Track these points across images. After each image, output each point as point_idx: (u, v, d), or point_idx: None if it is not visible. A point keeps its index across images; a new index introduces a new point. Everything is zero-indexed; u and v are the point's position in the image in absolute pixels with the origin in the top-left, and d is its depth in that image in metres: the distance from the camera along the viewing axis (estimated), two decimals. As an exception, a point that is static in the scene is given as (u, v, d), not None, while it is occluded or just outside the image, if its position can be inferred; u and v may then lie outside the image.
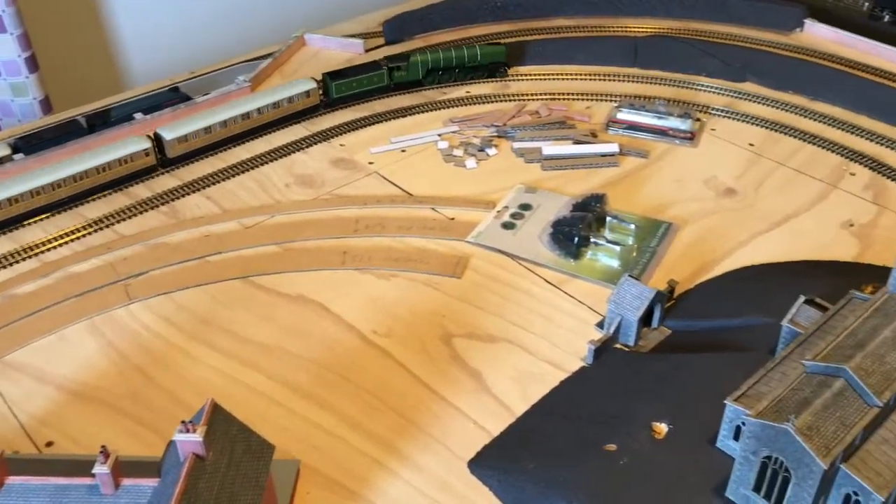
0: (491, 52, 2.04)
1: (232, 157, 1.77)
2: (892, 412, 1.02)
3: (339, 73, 1.98)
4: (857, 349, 1.01)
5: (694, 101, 1.95)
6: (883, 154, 1.76)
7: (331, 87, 1.94)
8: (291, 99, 1.87)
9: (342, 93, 1.96)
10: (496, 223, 1.56)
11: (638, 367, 1.24)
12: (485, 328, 1.34)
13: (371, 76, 1.98)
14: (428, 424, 1.18)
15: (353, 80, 1.97)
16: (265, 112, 1.84)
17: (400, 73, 2.01)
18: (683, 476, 1.05)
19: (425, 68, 2.01)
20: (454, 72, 2.03)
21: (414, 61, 2.00)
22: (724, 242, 1.52)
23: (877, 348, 1.01)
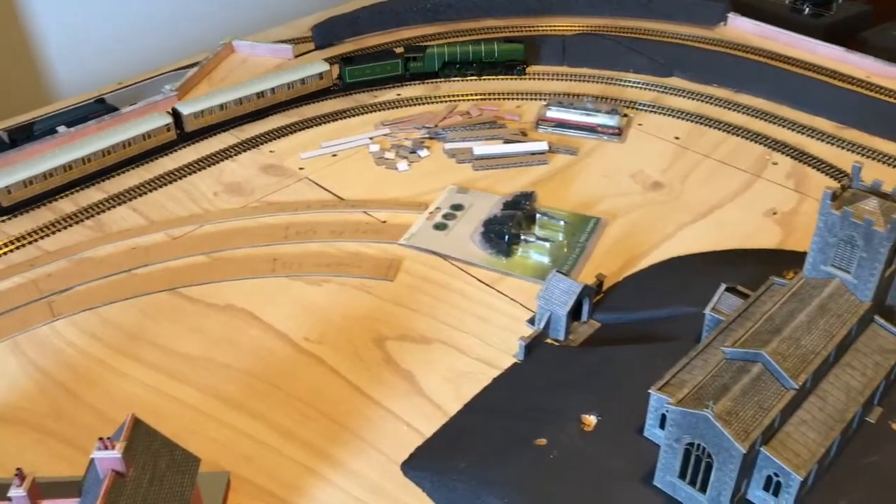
0: (508, 49, 2.04)
1: (158, 168, 1.74)
2: (811, 394, 1.05)
3: (353, 59, 2.02)
4: (774, 334, 1.04)
5: (621, 98, 1.98)
6: (804, 143, 1.81)
7: (345, 73, 1.98)
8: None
9: (355, 78, 2.00)
10: (428, 224, 1.56)
11: (567, 361, 1.25)
12: (418, 330, 1.34)
13: (385, 64, 2.01)
14: (361, 429, 1.17)
15: (367, 66, 2.00)
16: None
17: (416, 63, 2.02)
18: (612, 466, 1.06)
19: (441, 60, 2.03)
20: (471, 66, 2.03)
21: (430, 53, 2.02)
22: (652, 235, 1.55)
23: (793, 332, 1.04)
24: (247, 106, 1.89)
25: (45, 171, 1.63)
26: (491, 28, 2.28)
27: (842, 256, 1.09)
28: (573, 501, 1.03)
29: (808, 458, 0.98)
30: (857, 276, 1.08)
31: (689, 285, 1.37)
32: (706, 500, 0.98)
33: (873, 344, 1.12)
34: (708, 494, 0.98)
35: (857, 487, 1.04)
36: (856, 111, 1.90)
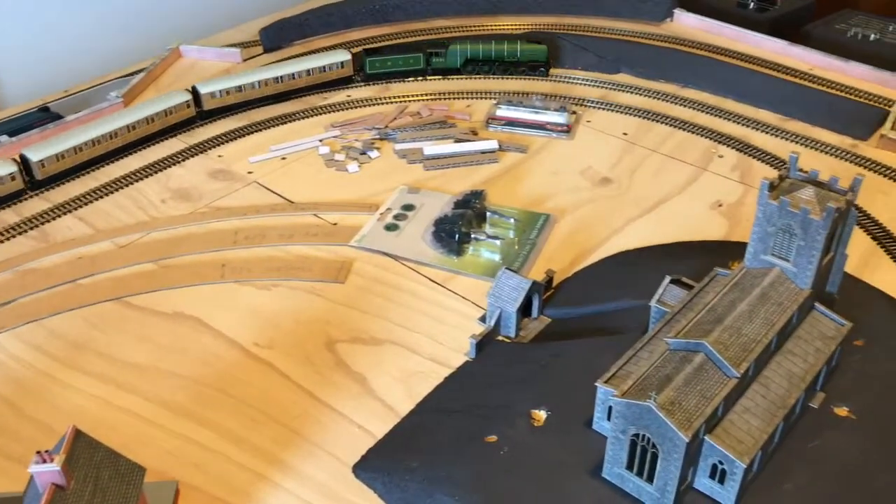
0: (531, 50, 2.04)
1: (104, 176, 1.71)
2: (754, 381, 1.06)
3: (376, 51, 2.03)
4: (716, 324, 1.05)
5: (570, 95, 1.99)
6: (749, 135, 1.84)
7: (365, 63, 2.00)
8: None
9: (375, 69, 2.02)
10: (379, 225, 1.56)
11: (518, 358, 1.26)
12: (369, 331, 1.33)
13: (408, 58, 2.02)
14: (312, 433, 1.16)
15: (389, 58, 2.02)
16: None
17: (438, 59, 2.03)
18: (562, 460, 1.07)
19: (463, 57, 2.03)
20: (493, 65, 2.03)
21: (452, 49, 2.02)
22: (601, 230, 1.56)
23: (734, 321, 1.06)
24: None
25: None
26: (439, 28, 2.28)
27: (781, 245, 1.11)
28: (523, 496, 1.03)
29: (752, 445, 0.99)
30: (796, 265, 1.11)
31: (636, 278, 1.39)
32: (653, 490, 0.99)
33: (814, 331, 1.14)
34: (655, 484, 0.99)
35: (801, 472, 1.06)
36: (799, 103, 1.94)
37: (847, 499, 1.03)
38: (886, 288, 1.40)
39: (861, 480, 1.05)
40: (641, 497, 1.01)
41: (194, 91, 1.88)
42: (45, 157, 1.66)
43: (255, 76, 1.93)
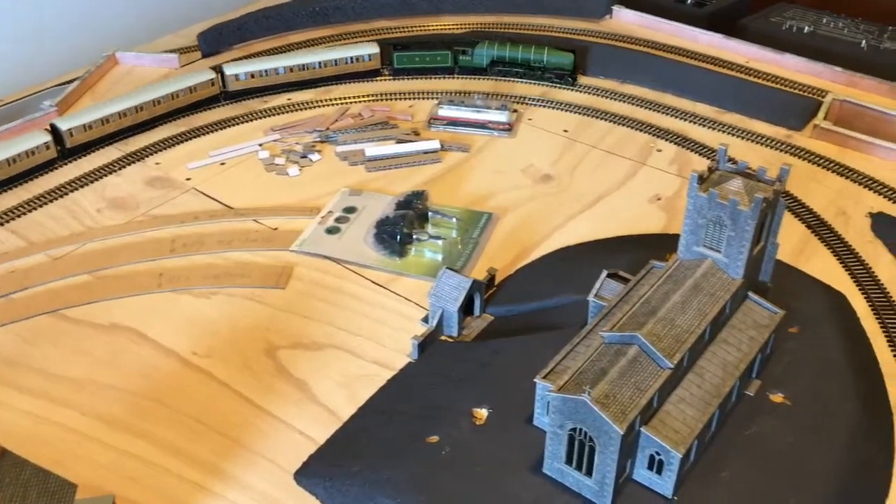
0: (557, 57, 2.01)
1: (37, 187, 1.67)
2: (689, 372, 1.08)
3: (404, 46, 2.02)
4: (650, 316, 1.06)
5: (511, 93, 2.00)
6: (687, 129, 1.87)
7: (393, 58, 2.00)
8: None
9: (403, 64, 2.02)
10: (320, 229, 1.54)
11: (460, 357, 1.26)
12: (310, 336, 1.32)
13: (435, 55, 2.02)
14: (253, 441, 1.15)
15: (416, 54, 2.02)
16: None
17: (465, 57, 2.02)
18: (503, 458, 1.07)
19: (490, 58, 2.02)
20: (520, 68, 2.01)
21: (479, 50, 2.01)
22: (542, 227, 1.57)
23: (667, 313, 1.07)
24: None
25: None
26: (380, 29, 2.28)
27: (712, 237, 1.13)
28: (464, 495, 1.03)
29: (687, 435, 1.00)
30: (727, 255, 1.12)
31: (576, 274, 1.40)
32: (592, 483, 1.00)
33: (748, 319, 1.16)
34: (594, 478, 1.00)
35: (737, 459, 1.07)
36: (735, 96, 1.97)
37: (782, 483, 1.05)
38: (821, 275, 1.43)
39: (795, 465, 1.07)
40: (581, 491, 1.02)
41: (221, 73, 1.93)
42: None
43: (282, 62, 1.97)
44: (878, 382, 1.23)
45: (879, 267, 1.46)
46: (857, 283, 1.42)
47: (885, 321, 1.34)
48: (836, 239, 1.52)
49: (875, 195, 1.65)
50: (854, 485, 1.07)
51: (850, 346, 1.27)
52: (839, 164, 1.74)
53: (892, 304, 1.37)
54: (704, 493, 1.03)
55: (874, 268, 1.45)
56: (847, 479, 1.07)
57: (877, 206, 1.61)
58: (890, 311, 1.36)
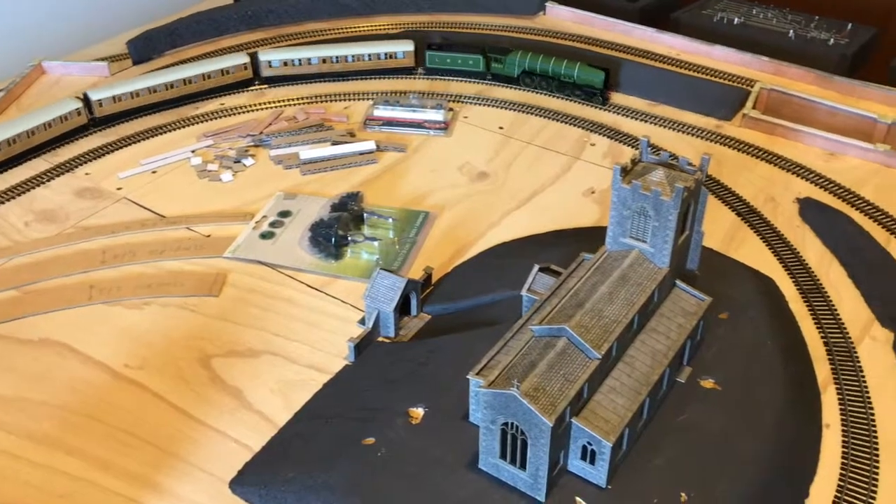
0: (587, 73, 1.93)
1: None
2: (619, 361, 1.09)
3: (439, 46, 2.01)
4: (578, 308, 1.07)
5: (447, 92, 2.00)
6: (619, 122, 1.89)
7: (426, 57, 2.02)
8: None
9: (435, 64, 2.01)
10: (255, 234, 1.53)
11: (397, 357, 1.25)
12: (245, 343, 1.31)
13: (467, 58, 2.00)
14: (187, 452, 1.13)
15: (448, 55, 2.00)
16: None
17: (497, 65, 1.99)
18: (439, 456, 1.07)
19: (521, 68, 1.98)
20: (550, 81, 1.96)
21: (512, 58, 1.98)
22: (479, 224, 1.57)
23: (595, 304, 1.08)
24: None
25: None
26: (313, 31, 2.26)
27: (637, 227, 1.14)
28: (401, 495, 1.03)
29: (618, 424, 1.01)
30: (652, 245, 1.14)
31: (512, 269, 1.40)
32: (526, 476, 1.01)
33: (676, 308, 1.17)
34: (527, 471, 1.00)
35: (670, 445, 1.09)
36: (666, 88, 2.00)
37: (714, 468, 1.07)
38: (751, 261, 1.46)
39: (727, 448, 1.09)
40: (517, 484, 1.02)
41: (254, 58, 1.99)
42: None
43: (316, 52, 2.01)
44: (806, 364, 1.26)
45: (807, 251, 1.49)
46: (786, 267, 1.45)
47: (812, 303, 1.37)
48: (765, 225, 1.56)
49: (802, 181, 1.69)
50: (783, 465, 1.09)
51: (779, 329, 1.30)
52: (768, 151, 1.78)
53: (819, 286, 1.41)
54: (638, 481, 1.04)
55: (802, 252, 1.49)
56: (776, 459, 1.09)
57: (804, 192, 1.65)
58: (817, 293, 1.39)
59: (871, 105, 1.95)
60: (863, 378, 1.24)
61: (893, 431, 1.16)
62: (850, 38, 2.35)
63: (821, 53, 2.28)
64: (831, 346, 1.29)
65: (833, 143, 1.79)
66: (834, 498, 1.07)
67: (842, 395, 1.21)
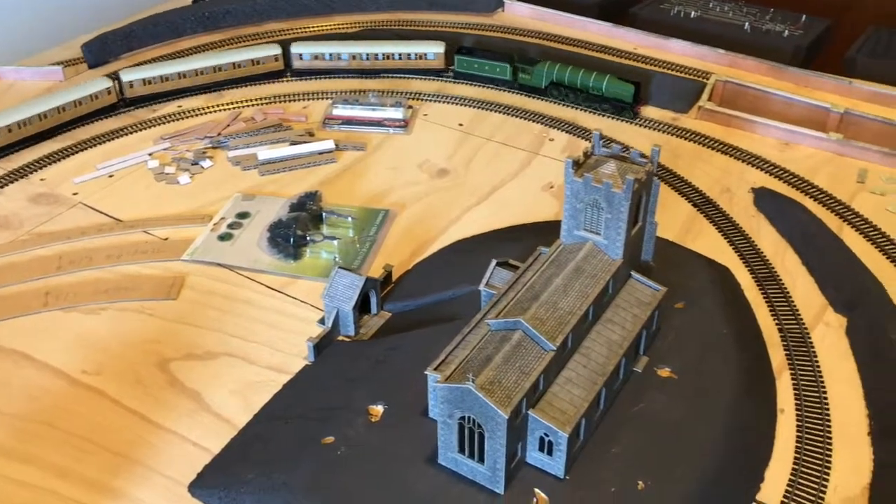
0: (616, 87, 1.86)
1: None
2: (575, 353, 1.10)
3: (469, 51, 1.99)
4: (533, 301, 1.08)
5: (407, 90, 2.00)
6: (577, 117, 1.90)
7: (455, 60, 2.01)
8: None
9: (463, 69, 2.01)
10: (213, 236, 1.52)
11: (357, 356, 1.25)
12: (204, 346, 1.30)
13: (495, 65, 1.97)
14: (146, 457, 1.12)
15: (476, 61, 1.97)
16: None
17: (525, 75, 1.95)
18: (398, 452, 1.08)
19: (549, 79, 1.93)
20: (578, 94, 1.91)
21: (539, 69, 1.93)
22: (439, 221, 1.58)
23: (550, 297, 1.09)
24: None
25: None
26: (272, 32, 2.25)
27: (591, 220, 1.15)
28: (361, 493, 1.03)
29: (574, 415, 1.02)
30: (606, 237, 1.15)
31: (472, 265, 1.40)
32: (485, 469, 1.01)
33: (631, 298, 1.19)
34: (486, 464, 1.01)
35: (627, 434, 1.10)
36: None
37: (671, 455, 1.08)
38: (707, 251, 1.48)
39: (683, 436, 1.11)
40: (476, 478, 1.03)
41: (285, 49, 2.02)
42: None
43: (349, 48, 2.02)
44: (761, 351, 1.27)
45: (762, 239, 1.51)
46: (741, 256, 1.47)
47: (767, 291, 1.39)
48: (721, 216, 1.58)
49: (757, 171, 1.72)
50: (739, 450, 1.11)
51: (734, 317, 1.32)
52: (723, 143, 1.80)
53: (774, 274, 1.43)
54: (595, 470, 1.05)
55: (757, 240, 1.51)
56: (732, 444, 1.11)
57: (759, 182, 1.68)
58: (772, 281, 1.41)
59: (825, 95, 1.99)
60: (816, 363, 1.26)
61: (846, 415, 1.18)
62: (805, 30, 2.39)
63: (776, 45, 2.31)
64: (786, 332, 1.31)
65: (787, 132, 1.82)
66: (788, 481, 1.09)
67: (796, 381, 1.23)
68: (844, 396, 1.21)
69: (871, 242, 1.51)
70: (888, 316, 1.32)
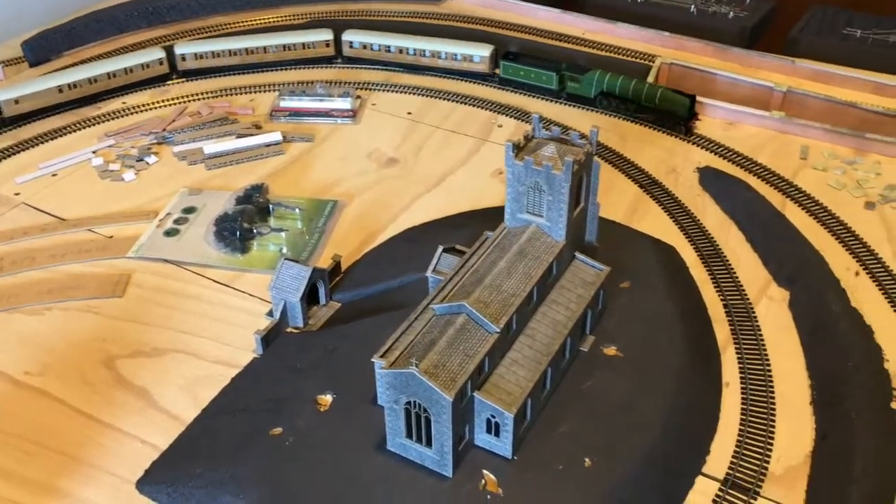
0: (671, 99, 1.76)
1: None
2: (520, 334, 1.11)
3: (516, 56, 1.92)
4: (477, 284, 1.08)
5: (355, 80, 2.00)
6: (526, 103, 1.91)
7: (501, 66, 1.95)
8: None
9: (508, 74, 1.94)
10: (158, 232, 1.50)
11: (305, 347, 1.25)
12: (151, 343, 1.28)
13: (541, 73, 1.89)
14: (92, 456, 1.11)
15: (522, 68, 1.91)
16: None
17: (573, 84, 1.87)
18: (347, 441, 1.07)
19: (599, 88, 1.83)
20: (629, 105, 1.81)
21: (589, 77, 1.84)
22: (389, 210, 1.58)
23: (494, 280, 1.09)
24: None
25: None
26: (219, 26, 2.22)
27: (533, 202, 1.16)
28: (309, 482, 1.03)
29: (519, 395, 1.03)
30: (548, 219, 1.16)
31: (421, 252, 1.40)
32: (433, 453, 1.02)
33: (576, 279, 1.20)
34: (433, 448, 1.01)
35: (575, 412, 1.11)
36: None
37: (617, 432, 1.09)
38: (653, 231, 1.50)
39: (629, 412, 1.12)
40: (425, 462, 1.03)
41: (337, 36, 2.04)
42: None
43: (393, 41, 2.02)
44: (706, 327, 1.29)
45: (707, 218, 1.54)
46: (687, 235, 1.49)
47: (712, 268, 1.41)
48: (667, 196, 1.59)
49: (703, 151, 1.74)
50: (685, 424, 1.13)
51: (679, 295, 1.33)
52: (670, 124, 1.82)
53: (719, 251, 1.45)
54: (543, 449, 1.06)
55: (702, 219, 1.53)
56: (678, 419, 1.12)
57: (704, 161, 1.70)
58: (716, 258, 1.43)
59: (769, 74, 2.02)
60: (760, 337, 1.28)
61: (789, 387, 1.20)
62: (750, 11, 2.41)
63: (722, 27, 2.34)
64: (730, 307, 1.33)
65: (732, 112, 1.85)
66: (734, 453, 1.10)
67: (740, 354, 1.25)
68: (788, 368, 1.23)
69: (812, 217, 1.53)
70: (828, 287, 1.35)
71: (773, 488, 1.06)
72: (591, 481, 1.03)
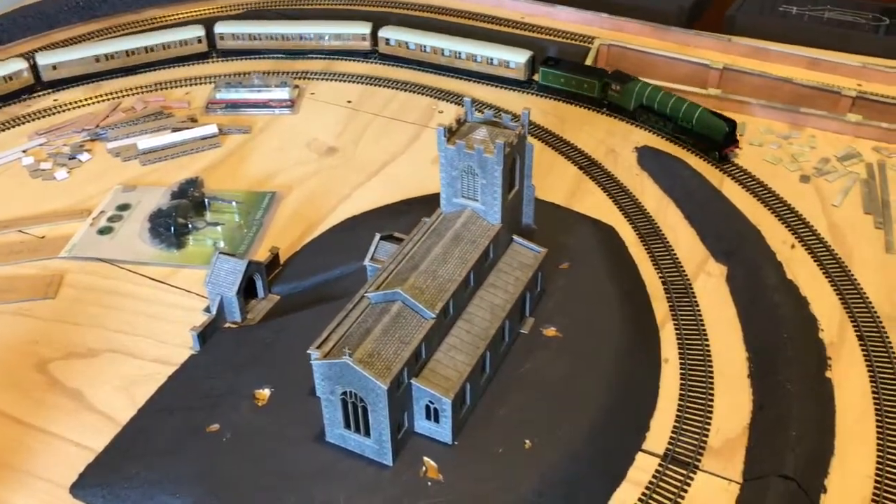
0: (707, 122, 1.64)
1: None
2: (458, 319, 1.10)
3: (556, 62, 1.85)
4: (412, 271, 1.07)
5: (293, 70, 1.97)
6: (466, 88, 1.90)
7: (541, 72, 1.87)
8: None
9: (549, 82, 1.87)
10: (92, 231, 1.46)
11: (243, 341, 1.23)
12: (84, 344, 1.25)
13: (582, 81, 1.81)
14: (23, 462, 1.08)
15: (562, 75, 1.83)
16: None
17: (614, 93, 1.78)
18: (285, 434, 1.06)
19: (638, 101, 1.74)
20: (667, 121, 1.71)
21: (629, 88, 1.75)
22: (329, 200, 1.56)
23: (429, 265, 1.08)
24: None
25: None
26: (149, 20, 2.17)
27: (467, 187, 1.15)
28: (247, 477, 1.01)
29: (457, 380, 1.03)
30: (483, 203, 1.15)
31: (360, 241, 1.38)
32: (372, 443, 1.01)
33: (514, 262, 1.19)
34: (372, 437, 1.00)
35: (515, 395, 1.11)
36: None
37: (557, 412, 1.09)
38: (593, 212, 1.50)
39: (569, 393, 1.12)
40: (364, 452, 1.02)
41: (374, 32, 2.01)
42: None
43: (435, 41, 1.96)
44: (645, 304, 1.30)
45: (645, 197, 1.54)
46: (626, 214, 1.50)
47: (650, 246, 1.42)
48: (606, 176, 1.60)
49: (641, 130, 1.75)
50: (624, 401, 1.13)
51: (619, 274, 1.34)
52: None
53: (658, 230, 1.46)
54: (484, 433, 1.06)
55: (640, 198, 1.54)
56: (617, 396, 1.13)
57: (642, 141, 1.71)
58: (655, 236, 1.44)
59: (707, 53, 2.03)
60: (699, 312, 1.29)
61: (726, 361, 1.21)
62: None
63: (660, 7, 2.34)
64: (669, 284, 1.34)
65: (671, 91, 1.86)
66: (673, 428, 1.11)
67: (679, 330, 1.26)
68: (725, 341, 1.25)
69: (749, 192, 1.55)
70: (765, 261, 1.37)
71: (712, 461, 1.07)
72: (531, 462, 1.03)
